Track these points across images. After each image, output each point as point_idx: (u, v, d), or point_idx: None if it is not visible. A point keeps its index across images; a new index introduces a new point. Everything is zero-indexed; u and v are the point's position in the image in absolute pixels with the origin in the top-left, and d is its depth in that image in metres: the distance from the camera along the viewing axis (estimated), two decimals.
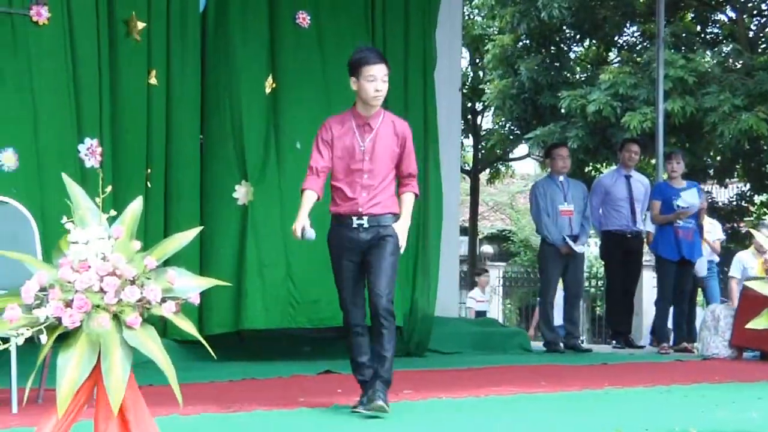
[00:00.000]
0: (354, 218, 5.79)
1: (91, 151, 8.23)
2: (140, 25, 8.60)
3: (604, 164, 18.78)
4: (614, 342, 11.86)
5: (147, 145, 8.65)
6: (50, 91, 8.07)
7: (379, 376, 5.63)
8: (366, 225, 5.79)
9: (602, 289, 18.91)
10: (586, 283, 17.81)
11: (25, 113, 7.93)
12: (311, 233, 5.68)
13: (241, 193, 8.86)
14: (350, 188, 5.81)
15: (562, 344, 10.96)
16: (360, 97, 5.82)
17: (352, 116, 5.89)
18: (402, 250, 5.90)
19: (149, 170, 8.64)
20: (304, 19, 9.31)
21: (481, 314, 16.76)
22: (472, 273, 23.65)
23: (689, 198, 10.85)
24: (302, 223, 5.70)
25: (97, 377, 3.64)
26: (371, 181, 5.80)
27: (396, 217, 5.87)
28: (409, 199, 5.95)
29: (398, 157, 5.88)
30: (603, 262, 12.33)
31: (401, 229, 5.85)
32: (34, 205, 7.42)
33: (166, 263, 3.82)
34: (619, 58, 19.92)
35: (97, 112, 8.33)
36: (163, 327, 6.56)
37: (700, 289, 12.68)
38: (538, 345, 11.56)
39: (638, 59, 18.44)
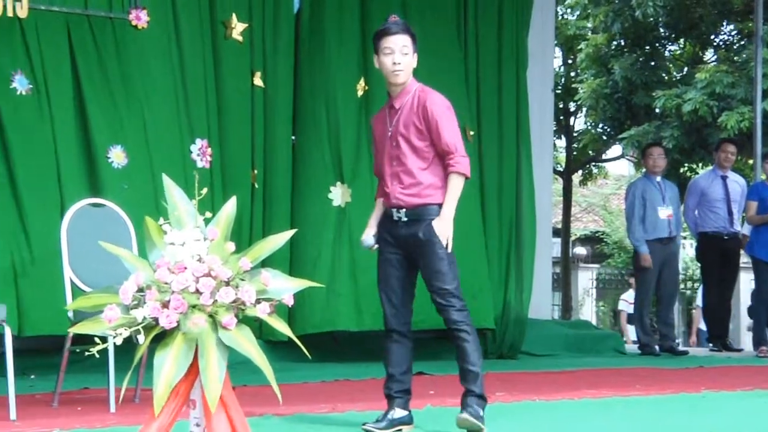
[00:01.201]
0: (394, 211, 5.17)
1: (201, 152, 8.37)
2: (240, 26, 8.70)
3: (700, 165, 18.52)
4: (711, 345, 11.70)
5: (252, 147, 8.75)
6: (156, 92, 8.24)
7: (470, 392, 5.13)
8: (405, 218, 5.14)
9: (698, 291, 18.66)
10: (682, 285, 17.56)
11: (133, 113, 8.10)
12: (366, 242, 5.28)
13: (337, 194, 8.91)
14: (385, 178, 5.24)
15: (657, 347, 10.84)
16: (383, 74, 5.25)
17: (386, 104, 5.36)
18: (449, 248, 5.10)
19: (255, 171, 8.74)
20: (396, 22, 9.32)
21: (632, 317, 16.19)
22: (565, 274, 23.51)
23: None
24: (367, 233, 5.29)
25: (194, 377, 3.69)
26: (400, 167, 5.15)
27: (441, 208, 5.12)
28: (450, 184, 5.10)
29: (428, 136, 5.12)
30: (699, 264, 12.16)
31: (439, 223, 5.08)
32: (148, 201, 7.65)
33: (261, 264, 3.85)
34: (715, 57, 19.64)
35: (205, 113, 8.46)
36: (259, 328, 6.61)
37: None
38: (632, 348, 11.44)
39: (735, 58, 18.16)
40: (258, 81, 8.79)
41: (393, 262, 5.22)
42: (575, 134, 23.01)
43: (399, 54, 5.19)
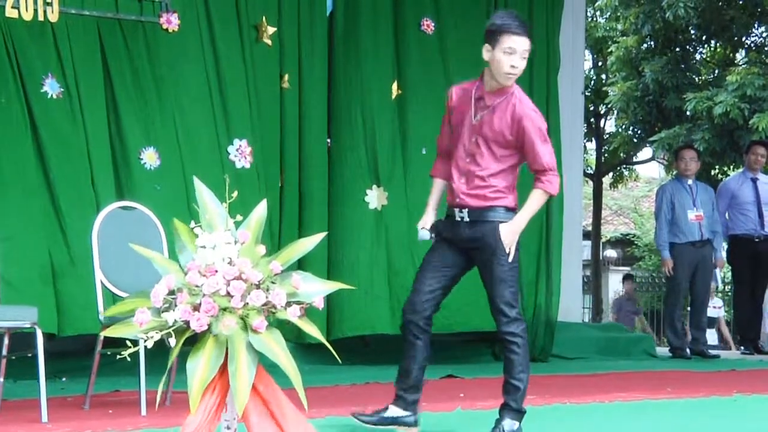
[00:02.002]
0: (456, 210, 4.99)
1: (240, 152, 8.40)
2: (270, 29, 8.71)
3: (731, 167, 18.43)
4: (743, 348, 11.64)
5: (281, 149, 8.75)
6: (189, 93, 8.29)
7: (506, 405, 4.97)
8: (467, 219, 4.96)
9: (730, 294, 18.54)
10: (719, 287, 17.44)
11: (165, 115, 8.15)
12: (424, 234, 5.05)
13: (373, 197, 8.91)
14: (453, 174, 5.03)
15: (688, 350, 10.79)
16: (491, 69, 4.97)
17: (475, 86, 5.06)
18: (510, 255, 4.96)
19: (283, 174, 8.74)
20: (428, 26, 9.33)
21: (710, 321, 15.88)
22: (595, 277, 23.43)
23: None
24: (424, 221, 5.06)
25: (227, 380, 3.70)
26: (473, 166, 4.96)
27: (508, 211, 5.00)
28: (532, 196, 5.01)
29: (514, 146, 4.96)
30: (730, 267, 12.10)
31: (507, 229, 4.96)
32: (180, 202, 7.70)
33: (298, 267, 3.86)
34: (746, 59, 19.53)
35: (241, 114, 8.48)
36: (298, 330, 6.60)
37: None
38: (663, 351, 11.40)
39: (767, 60, 18.05)
40: (285, 84, 8.78)
41: (441, 256, 5.02)
42: (606, 137, 22.94)
43: (519, 58, 4.97)
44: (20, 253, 7.37)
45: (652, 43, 19.16)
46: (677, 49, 18.98)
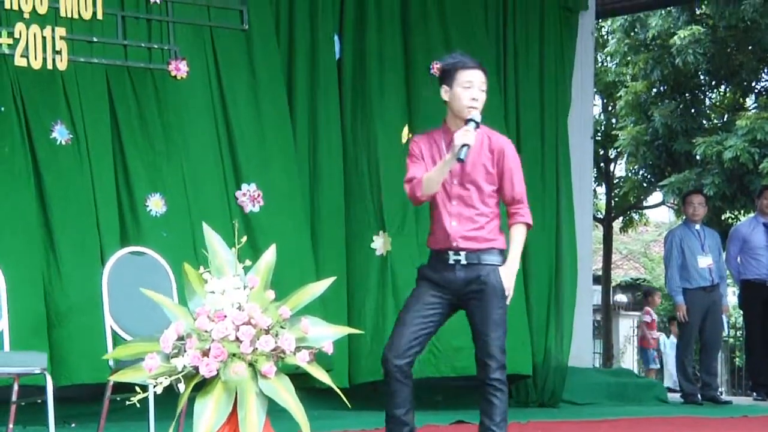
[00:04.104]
0: (450, 253, 5.02)
1: (249, 196, 8.38)
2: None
3: (742, 212, 18.40)
4: (755, 394, 11.57)
5: (292, 196, 8.71)
6: (196, 139, 8.26)
7: None
8: (464, 261, 4.99)
9: (741, 339, 18.47)
10: (725, 333, 17.36)
11: (172, 161, 8.12)
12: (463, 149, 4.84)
13: (379, 243, 8.89)
14: (441, 218, 5.07)
15: (699, 396, 10.73)
16: (452, 108, 5.08)
17: (442, 133, 5.17)
18: (509, 300, 5.04)
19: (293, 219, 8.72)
20: (438, 69, 9.32)
21: None
22: (606, 322, 23.33)
23: None
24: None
25: (236, 427, 3.68)
26: (462, 209, 5.03)
27: (502, 253, 5.06)
28: (517, 233, 5.09)
29: (497, 180, 5.08)
30: (742, 312, 12.04)
31: (507, 272, 5.00)
32: (187, 248, 7.64)
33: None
34: (756, 104, 19.56)
35: (250, 160, 8.45)
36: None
37: None
38: (675, 396, 11.34)
39: None
40: (302, 128, 8.78)
41: (428, 301, 5.06)
42: (615, 181, 22.95)
43: (477, 90, 5.03)
44: (17, 302, 7.29)
45: (661, 87, 19.21)
46: (686, 94, 19.03)
